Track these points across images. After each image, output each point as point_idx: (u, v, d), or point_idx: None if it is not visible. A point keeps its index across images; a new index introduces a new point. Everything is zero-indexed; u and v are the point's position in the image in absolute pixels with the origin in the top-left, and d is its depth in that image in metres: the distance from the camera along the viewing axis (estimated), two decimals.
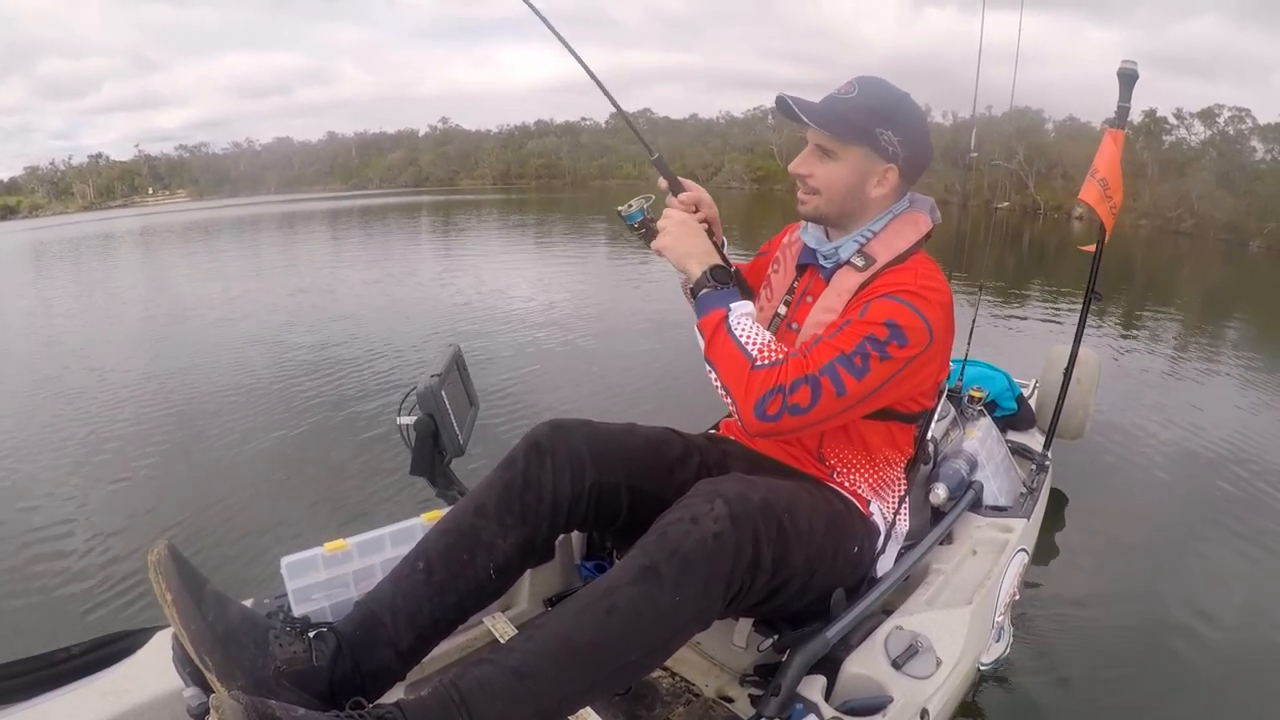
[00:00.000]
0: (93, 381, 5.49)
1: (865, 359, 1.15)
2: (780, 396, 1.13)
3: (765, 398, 1.14)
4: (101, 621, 2.48)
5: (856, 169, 1.27)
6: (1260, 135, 29.03)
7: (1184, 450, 3.94)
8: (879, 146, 1.24)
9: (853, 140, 1.25)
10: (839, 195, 1.29)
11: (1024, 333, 6.87)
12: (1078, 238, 20.87)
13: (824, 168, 1.28)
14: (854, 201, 1.30)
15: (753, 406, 1.14)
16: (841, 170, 1.27)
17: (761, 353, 1.17)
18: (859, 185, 1.28)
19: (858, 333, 1.17)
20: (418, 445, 1.57)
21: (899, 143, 1.24)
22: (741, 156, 52.02)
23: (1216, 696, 2.11)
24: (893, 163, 1.26)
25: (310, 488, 3.54)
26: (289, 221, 23.84)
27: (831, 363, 1.14)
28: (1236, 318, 9.14)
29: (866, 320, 1.18)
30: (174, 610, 0.96)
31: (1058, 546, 2.89)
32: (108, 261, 15.71)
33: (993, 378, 2.80)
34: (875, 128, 1.23)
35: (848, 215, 1.32)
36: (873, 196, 1.29)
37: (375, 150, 73.88)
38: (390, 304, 8.22)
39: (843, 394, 1.14)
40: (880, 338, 1.16)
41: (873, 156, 1.26)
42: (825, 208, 1.31)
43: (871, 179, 1.28)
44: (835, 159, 1.27)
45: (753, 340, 1.19)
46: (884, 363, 1.16)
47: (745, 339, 1.19)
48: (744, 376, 1.16)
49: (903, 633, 1.37)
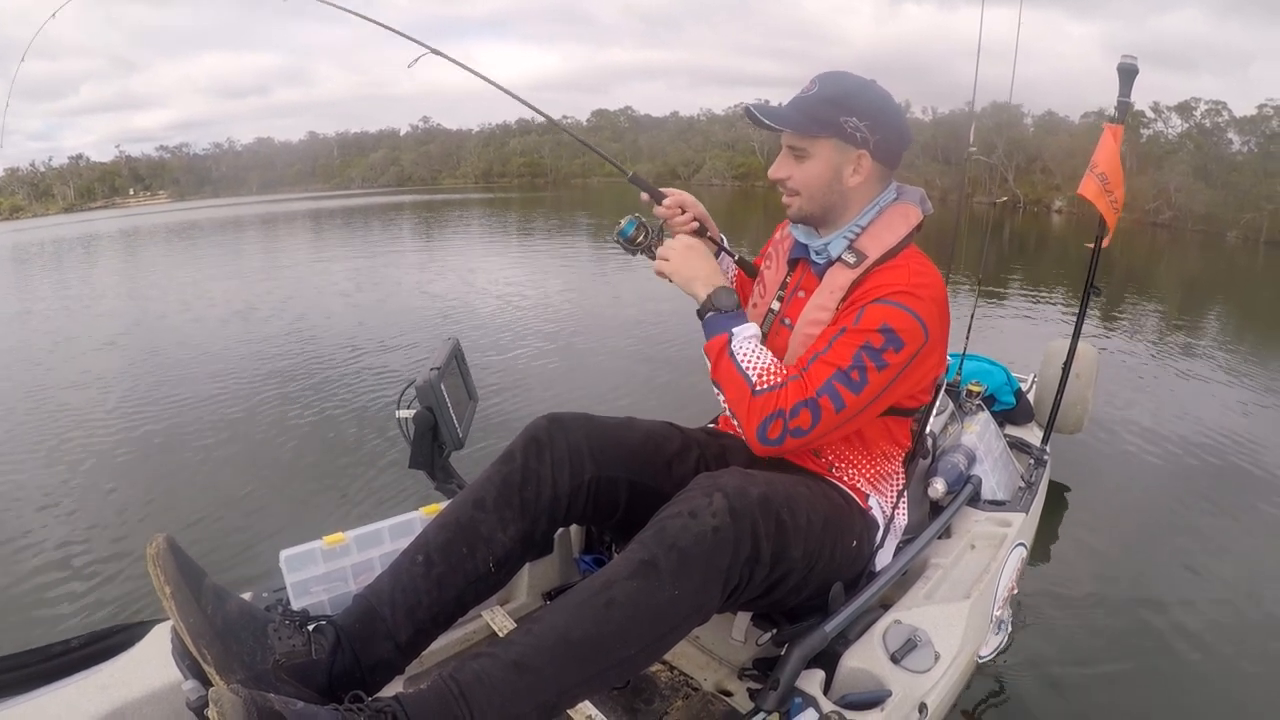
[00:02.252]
0: (92, 377, 5.49)
1: (863, 372, 1.16)
2: (781, 421, 1.15)
3: (766, 422, 1.16)
4: (101, 615, 2.49)
5: (829, 162, 1.27)
6: (1237, 127, 29.48)
7: (1182, 444, 3.95)
8: (846, 135, 1.25)
9: (820, 133, 1.25)
10: (819, 191, 1.30)
11: (1020, 326, 6.88)
12: (1057, 231, 21.05)
13: (800, 168, 1.29)
14: (834, 194, 1.30)
15: (755, 431, 1.17)
16: (815, 166, 1.28)
17: (761, 377, 1.19)
18: (835, 178, 1.28)
19: (853, 343, 1.18)
20: (417, 439, 1.57)
21: (866, 127, 1.24)
22: (723, 154, 52.12)
23: (1214, 689, 2.12)
24: (863, 148, 1.26)
25: (309, 481, 3.54)
26: (274, 222, 23.80)
27: (829, 381, 1.16)
28: (1227, 309, 9.18)
29: (860, 328, 1.18)
30: (172, 603, 0.96)
31: (1056, 540, 2.89)
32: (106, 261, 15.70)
33: (991, 372, 2.80)
34: (839, 117, 1.24)
35: (832, 210, 1.32)
36: (851, 185, 1.29)
37: (357, 150, 74.27)
38: (387, 299, 8.22)
39: (842, 409, 1.16)
40: (876, 345, 1.17)
41: (843, 146, 1.26)
42: (808, 206, 1.32)
43: (846, 168, 1.28)
44: (808, 156, 1.28)
45: (753, 365, 1.21)
46: (882, 371, 1.17)
47: (747, 364, 1.21)
48: (745, 401, 1.18)
49: (901, 627, 1.37)
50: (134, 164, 72.26)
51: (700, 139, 57.33)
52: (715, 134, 56.83)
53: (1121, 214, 2.21)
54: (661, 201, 1.42)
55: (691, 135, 59.25)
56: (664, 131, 62.48)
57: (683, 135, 59.72)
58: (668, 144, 56.79)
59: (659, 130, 64.14)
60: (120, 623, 1.28)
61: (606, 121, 68.04)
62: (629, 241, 1.43)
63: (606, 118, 68.92)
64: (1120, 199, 2.17)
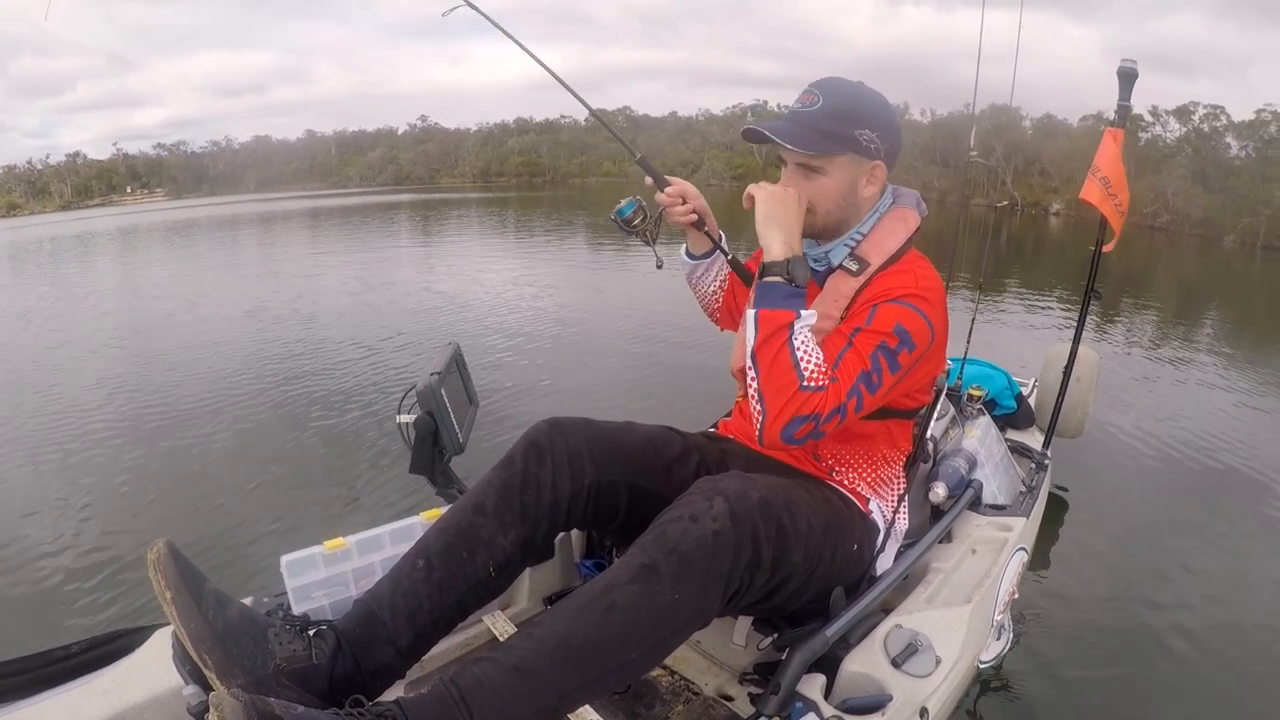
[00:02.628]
0: (93, 380, 5.49)
1: (880, 374, 1.16)
2: (812, 424, 1.11)
3: (797, 422, 1.10)
4: (101, 620, 2.49)
5: (846, 176, 1.27)
6: (1235, 132, 29.78)
7: (1184, 448, 3.94)
8: (862, 148, 1.24)
9: (837, 151, 1.24)
10: (835, 206, 1.29)
11: (1021, 330, 6.87)
12: (1056, 234, 21.20)
13: (813, 185, 1.27)
14: (849, 207, 1.30)
15: (781, 426, 1.11)
16: (831, 182, 1.26)
17: (813, 376, 1.12)
18: (850, 190, 1.28)
19: (870, 343, 1.17)
20: (417, 443, 1.57)
21: (878, 137, 1.24)
22: (721, 154, 52.35)
23: (1214, 692, 2.11)
24: (878, 159, 1.27)
25: (309, 486, 3.54)
26: (273, 221, 23.83)
27: (856, 383, 1.15)
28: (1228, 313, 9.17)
29: (874, 329, 1.18)
30: (173, 608, 0.96)
31: (1057, 545, 2.89)
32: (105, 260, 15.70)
33: (992, 376, 2.79)
34: (854, 131, 1.23)
35: (845, 223, 1.32)
36: (865, 196, 1.30)
37: (354, 148, 74.43)
38: (389, 302, 8.22)
39: (860, 409, 1.16)
40: (891, 346, 1.17)
41: (858, 160, 1.26)
42: (823, 221, 1.30)
43: (861, 180, 1.28)
44: (823, 173, 1.26)
45: (809, 358, 1.13)
46: (895, 372, 1.18)
47: (804, 355, 1.13)
48: (788, 394, 1.11)
49: (902, 631, 1.37)
50: (131, 162, 72.49)
51: (699, 139, 57.62)
52: (714, 134, 57.18)
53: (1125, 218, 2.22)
54: (664, 189, 1.41)
55: (690, 135, 59.54)
56: (662, 131, 62.64)
57: (681, 135, 59.98)
58: (666, 144, 56.86)
59: (657, 130, 64.28)
60: (121, 628, 1.28)
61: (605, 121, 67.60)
62: (625, 222, 1.45)
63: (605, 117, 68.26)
64: (1125, 203, 2.18)
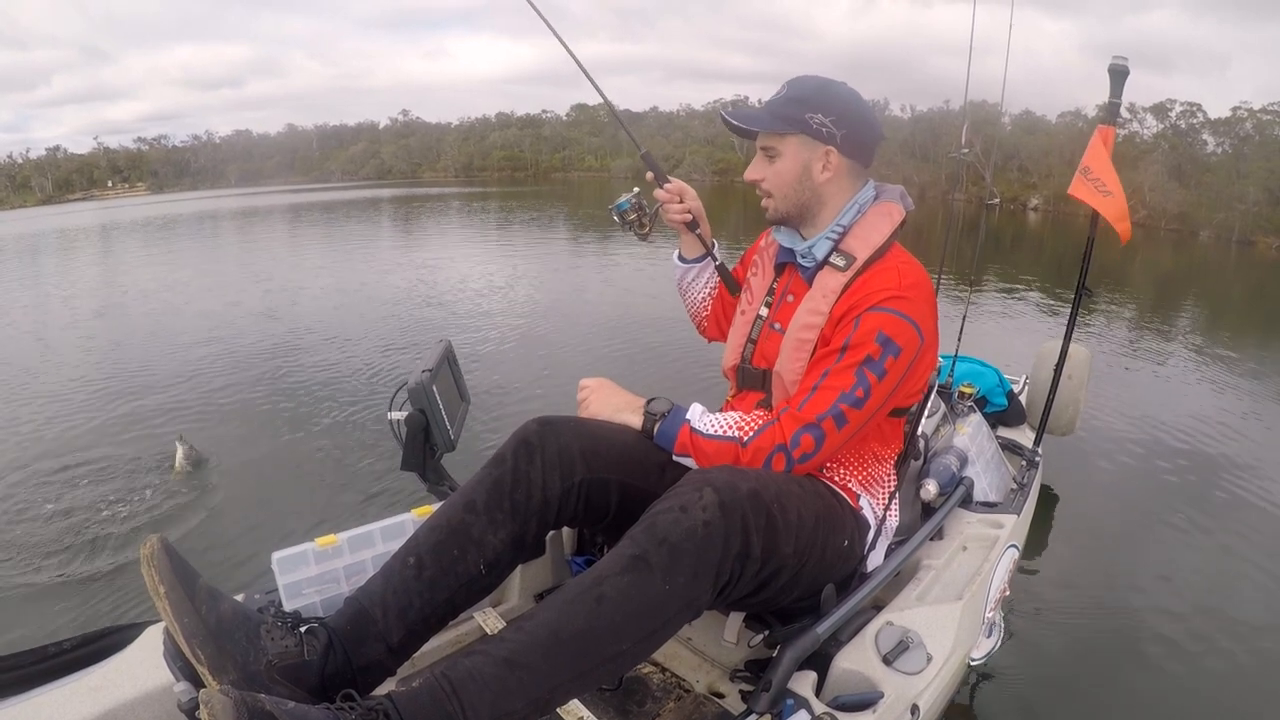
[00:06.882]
0: (85, 375, 5.45)
1: (867, 389, 1.20)
2: (783, 454, 1.20)
3: (769, 461, 1.21)
4: (93, 616, 2.48)
5: (798, 158, 1.32)
6: (1211, 129, 30.09)
7: (1174, 445, 3.97)
8: (812, 130, 1.29)
9: (786, 130, 1.30)
10: (790, 189, 1.34)
11: (1010, 326, 6.90)
12: (1034, 228, 21.74)
13: (771, 168, 1.34)
14: (806, 191, 1.33)
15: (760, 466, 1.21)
16: (785, 164, 1.33)
17: (743, 429, 1.24)
18: (804, 174, 1.32)
19: (853, 362, 1.21)
20: (408, 440, 1.57)
21: (831, 122, 1.28)
22: (703, 149, 52.46)
23: (1206, 689, 2.13)
24: (830, 144, 1.30)
25: (301, 483, 3.53)
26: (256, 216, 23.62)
27: (834, 404, 1.20)
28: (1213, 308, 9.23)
29: (857, 343, 1.22)
30: (167, 604, 0.95)
31: (1048, 542, 2.91)
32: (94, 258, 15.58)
33: (983, 374, 2.81)
34: (804, 114, 1.28)
35: (807, 209, 1.35)
36: (821, 182, 1.33)
37: (336, 142, 73.98)
38: (379, 298, 8.17)
39: (845, 425, 1.21)
40: (875, 356, 1.20)
41: (810, 142, 1.30)
42: (782, 205, 1.36)
43: (815, 165, 1.32)
44: (779, 155, 1.33)
45: (726, 426, 1.25)
46: (883, 380, 1.21)
47: (719, 430, 1.25)
48: (734, 455, 1.22)
49: (893, 628, 1.38)
50: (112, 156, 71.94)
51: (680, 134, 57.75)
52: (695, 129, 57.43)
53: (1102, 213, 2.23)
54: (664, 185, 1.46)
55: (671, 130, 59.61)
56: (644, 126, 62.27)
57: (662, 130, 59.90)
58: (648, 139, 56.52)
59: (639, 125, 63.87)
60: (112, 624, 1.28)
61: (586, 116, 66.99)
62: (622, 216, 1.52)
63: (586, 112, 67.82)
64: (1123, 201, 2.18)
